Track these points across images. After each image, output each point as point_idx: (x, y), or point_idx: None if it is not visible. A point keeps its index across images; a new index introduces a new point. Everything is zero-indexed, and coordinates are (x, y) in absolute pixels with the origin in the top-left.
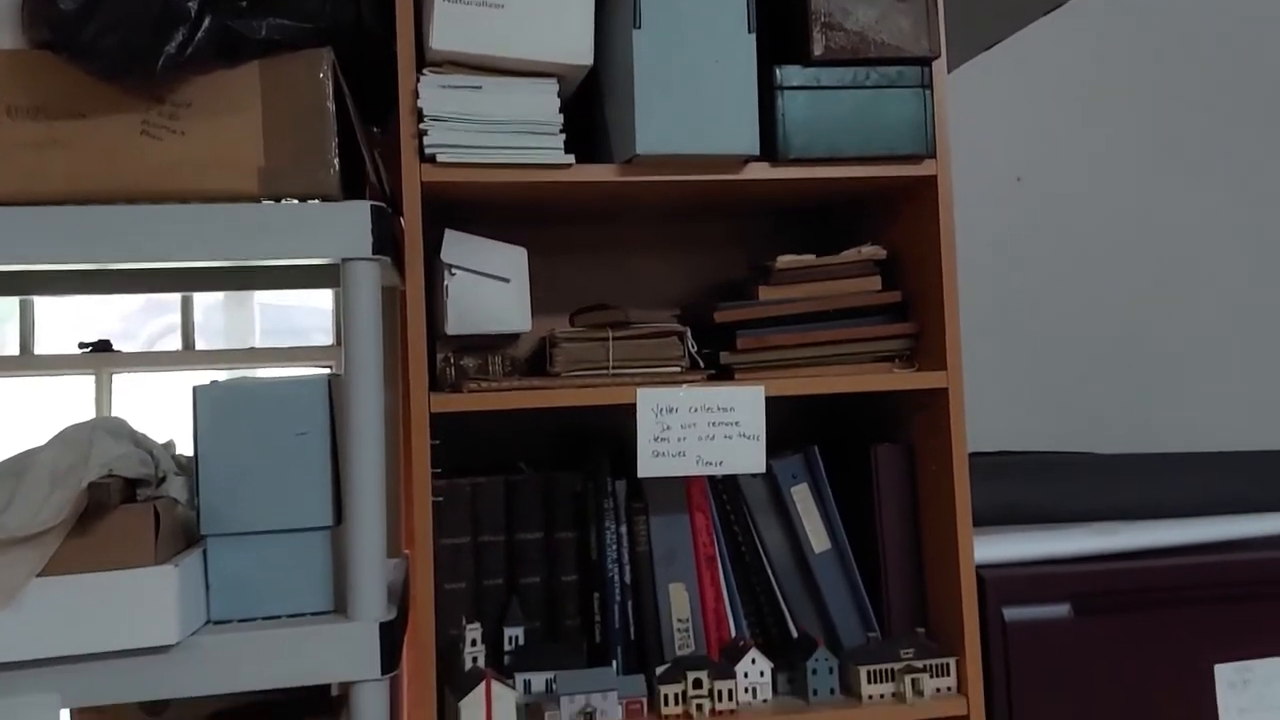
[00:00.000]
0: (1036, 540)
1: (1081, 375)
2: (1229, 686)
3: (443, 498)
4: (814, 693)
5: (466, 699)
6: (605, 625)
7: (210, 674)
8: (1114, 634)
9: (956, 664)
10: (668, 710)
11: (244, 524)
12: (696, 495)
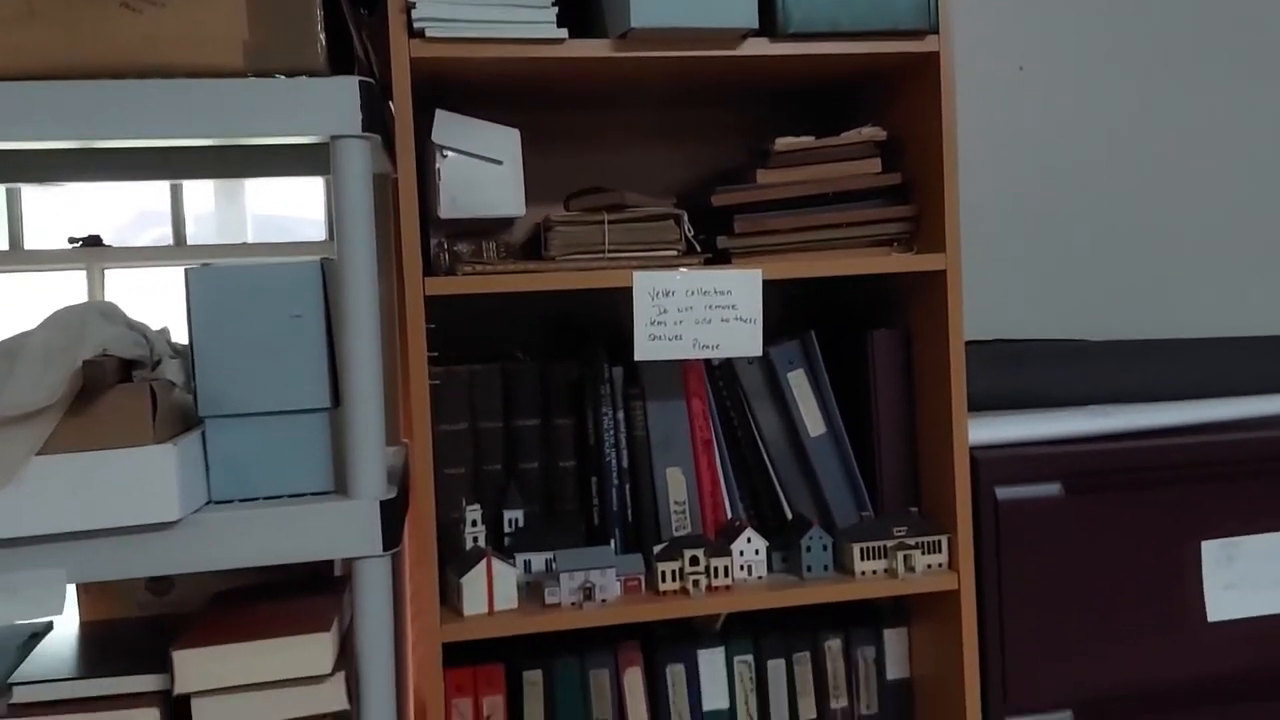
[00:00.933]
0: (1029, 422)
1: (1079, 264)
2: (1215, 562)
3: (440, 381)
4: (808, 569)
5: (468, 575)
6: (603, 509)
7: (213, 550)
8: (1104, 512)
9: (948, 541)
10: (665, 586)
11: (241, 406)
12: (693, 381)
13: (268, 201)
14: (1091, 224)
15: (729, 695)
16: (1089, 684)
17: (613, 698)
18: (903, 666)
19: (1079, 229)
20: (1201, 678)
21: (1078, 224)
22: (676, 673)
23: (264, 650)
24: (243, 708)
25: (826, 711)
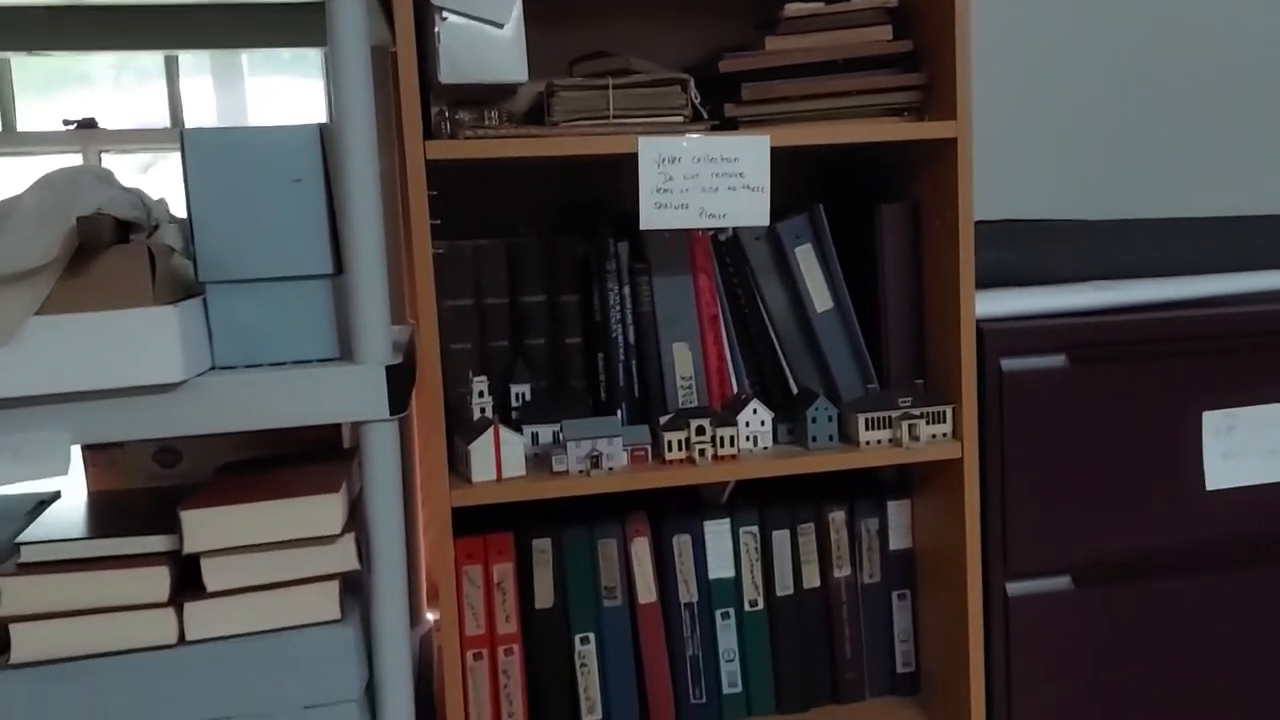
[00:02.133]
0: (1034, 296)
1: (1089, 142)
2: (1215, 433)
3: (443, 250)
4: (813, 440)
5: (476, 443)
6: (610, 384)
7: (218, 413)
8: (1107, 383)
9: (953, 411)
10: (671, 456)
11: (242, 271)
12: (700, 257)
13: (267, 108)
14: (1102, 101)
15: (734, 564)
16: (1088, 551)
17: (620, 566)
18: (905, 537)
19: (1089, 106)
20: (1198, 543)
21: (1087, 102)
22: (683, 543)
23: (273, 510)
24: (253, 567)
25: (830, 580)
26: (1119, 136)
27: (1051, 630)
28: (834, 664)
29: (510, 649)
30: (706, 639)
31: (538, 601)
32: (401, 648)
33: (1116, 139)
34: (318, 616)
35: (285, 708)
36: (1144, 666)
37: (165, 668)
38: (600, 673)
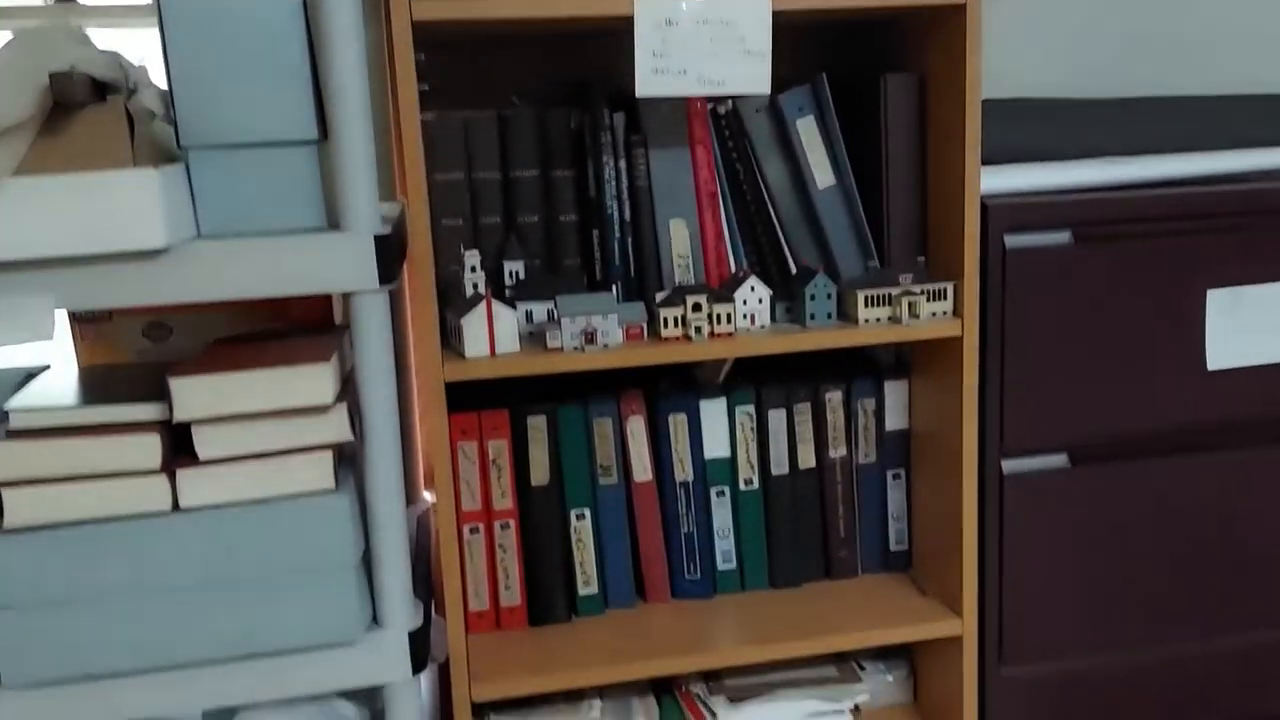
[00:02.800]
0: (1040, 172)
1: (1100, 19)
2: (1218, 311)
3: (432, 118)
4: (811, 317)
5: (468, 316)
6: (605, 262)
7: (204, 281)
8: (1112, 261)
9: (954, 289)
10: (667, 333)
11: (224, 136)
12: (698, 129)
13: None
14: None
15: (730, 444)
16: (1085, 430)
17: (616, 445)
18: (902, 417)
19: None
20: (1197, 424)
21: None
22: (679, 421)
23: (263, 379)
24: (245, 436)
25: (825, 460)
26: (1130, 13)
27: (1046, 508)
28: (827, 542)
29: (507, 524)
30: (701, 517)
31: (533, 478)
32: (397, 516)
33: (1128, 16)
34: (312, 486)
35: (281, 574)
36: (1138, 546)
37: (160, 534)
38: (596, 548)
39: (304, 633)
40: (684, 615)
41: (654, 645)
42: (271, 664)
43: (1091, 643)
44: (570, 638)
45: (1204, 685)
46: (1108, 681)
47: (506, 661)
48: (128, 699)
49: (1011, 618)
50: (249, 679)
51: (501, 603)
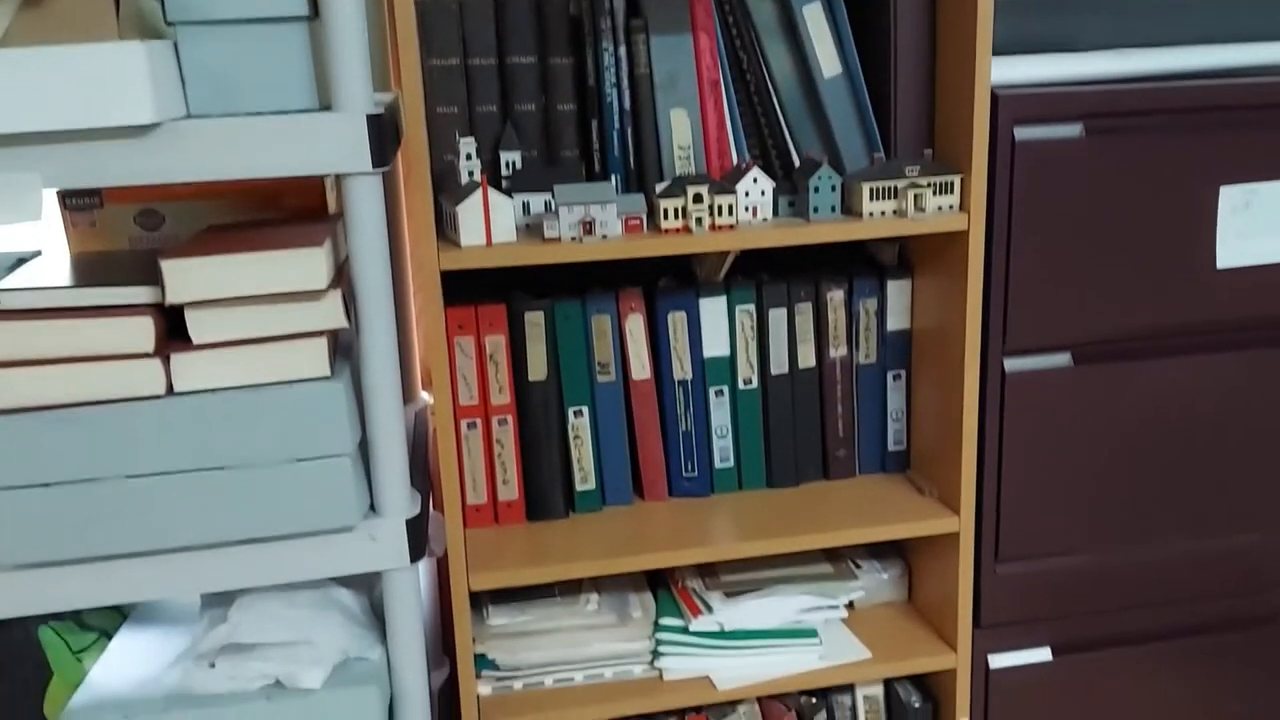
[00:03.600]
0: (1052, 63)
1: None
2: (1231, 209)
3: None
4: (814, 210)
5: (463, 204)
6: (604, 153)
7: (193, 161)
8: (1123, 155)
9: (961, 182)
10: (667, 224)
11: (213, 12)
12: (700, 15)
13: None
14: None
15: (729, 342)
16: (1090, 328)
17: (614, 342)
18: (904, 318)
19: None
20: (1203, 324)
21: None
22: (678, 319)
23: (256, 262)
24: (238, 321)
25: (825, 360)
26: None
27: (1047, 408)
28: (825, 442)
29: (504, 419)
30: (699, 415)
31: (531, 374)
32: (393, 403)
33: None
34: (307, 373)
35: (276, 461)
36: (1137, 446)
37: (155, 418)
38: (594, 445)
39: (301, 519)
40: (681, 512)
41: (651, 540)
42: (269, 549)
43: (1087, 541)
44: (567, 533)
45: (1197, 585)
46: (1101, 579)
47: (504, 553)
48: (123, 581)
49: (1008, 515)
50: (246, 564)
51: (499, 498)
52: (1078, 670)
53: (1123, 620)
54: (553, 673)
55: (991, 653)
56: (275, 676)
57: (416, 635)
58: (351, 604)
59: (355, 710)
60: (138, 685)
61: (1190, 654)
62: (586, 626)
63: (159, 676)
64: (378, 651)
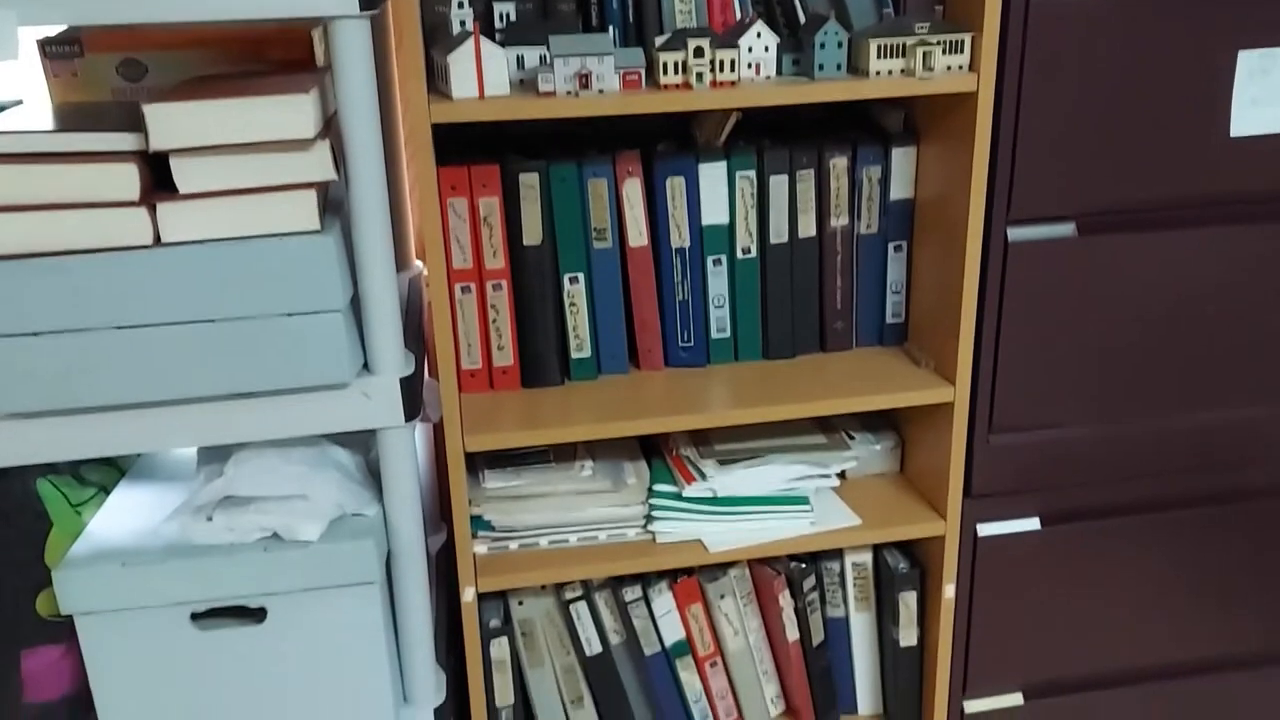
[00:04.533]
0: None
1: None
2: (1249, 74)
3: None
4: (819, 68)
5: (455, 54)
6: (602, 5)
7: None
8: (1140, 15)
9: (972, 40)
10: (666, 80)
11: None
12: None
13: None
14: None
15: (729, 210)
16: (1096, 197)
17: (611, 207)
18: (907, 187)
19: None
20: (1214, 195)
21: None
22: (676, 185)
23: (242, 108)
24: (225, 170)
25: (825, 229)
26: None
27: (1048, 279)
28: (823, 313)
29: (499, 284)
30: (697, 284)
31: (526, 238)
32: (384, 259)
33: None
34: (296, 226)
35: (267, 315)
36: (1139, 319)
37: (143, 268)
38: (589, 313)
39: (293, 374)
40: (676, 382)
41: (646, 406)
42: (262, 404)
43: (1081, 414)
44: (563, 399)
45: (1190, 458)
46: (1094, 452)
47: (499, 417)
48: (116, 432)
49: (1004, 387)
50: (239, 418)
51: (495, 363)
52: (1065, 541)
53: (1113, 492)
54: (547, 534)
55: (980, 521)
56: (273, 529)
57: (412, 493)
58: (348, 462)
59: (353, 563)
60: (136, 536)
61: (1178, 527)
62: (581, 491)
63: (157, 529)
64: (374, 509)
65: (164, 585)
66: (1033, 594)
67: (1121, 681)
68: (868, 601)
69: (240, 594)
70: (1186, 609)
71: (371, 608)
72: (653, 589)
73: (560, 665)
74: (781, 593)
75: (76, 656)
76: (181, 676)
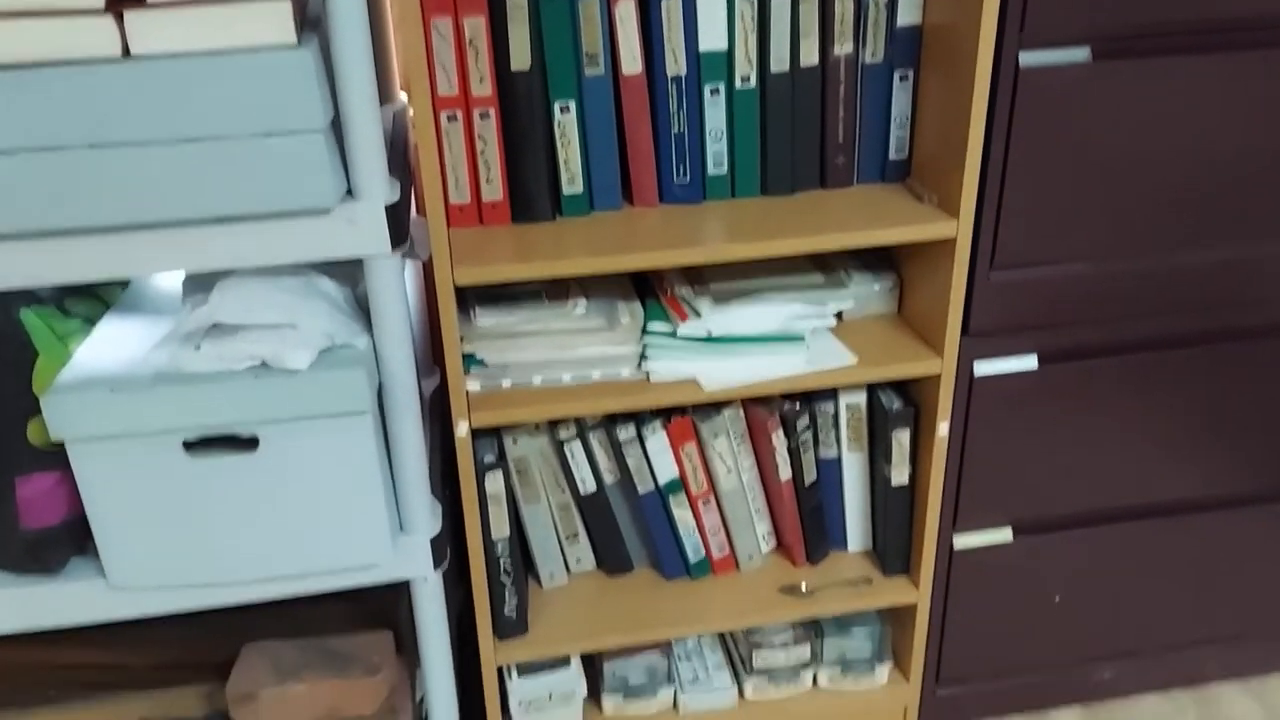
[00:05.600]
0: None
1: None
2: None
3: None
4: None
5: None
6: None
7: None
8: None
9: None
10: None
11: None
12: None
13: None
14: None
15: (728, 35)
16: (1115, 18)
17: (604, 31)
18: (915, 12)
19: None
20: (1236, 18)
21: None
22: (672, 6)
23: None
24: None
25: (829, 57)
26: None
27: (1059, 107)
28: (824, 148)
29: (486, 112)
30: (694, 116)
31: (514, 63)
32: (364, 72)
33: None
34: (271, 39)
35: (245, 134)
36: (1152, 149)
37: (113, 82)
38: (581, 144)
39: (274, 197)
40: (672, 218)
41: (640, 241)
42: (244, 229)
43: (1085, 249)
44: (554, 235)
45: (1193, 295)
46: (1096, 289)
47: (489, 251)
48: (94, 256)
49: (1008, 221)
50: (221, 243)
51: (484, 197)
52: (1062, 379)
53: (1112, 331)
54: (540, 372)
55: (977, 359)
56: (261, 357)
57: (402, 324)
58: (336, 294)
59: (343, 392)
60: (125, 365)
61: (1176, 366)
62: (574, 330)
63: (146, 357)
64: (364, 340)
65: (153, 412)
66: (1027, 432)
67: (1111, 519)
68: (860, 442)
69: (231, 422)
70: (1179, 449)
71: (364, 438)
72: (647, 428)
73: (556, 503)
74: (775, 432)
75: (71, 484)
76: (177, 504)
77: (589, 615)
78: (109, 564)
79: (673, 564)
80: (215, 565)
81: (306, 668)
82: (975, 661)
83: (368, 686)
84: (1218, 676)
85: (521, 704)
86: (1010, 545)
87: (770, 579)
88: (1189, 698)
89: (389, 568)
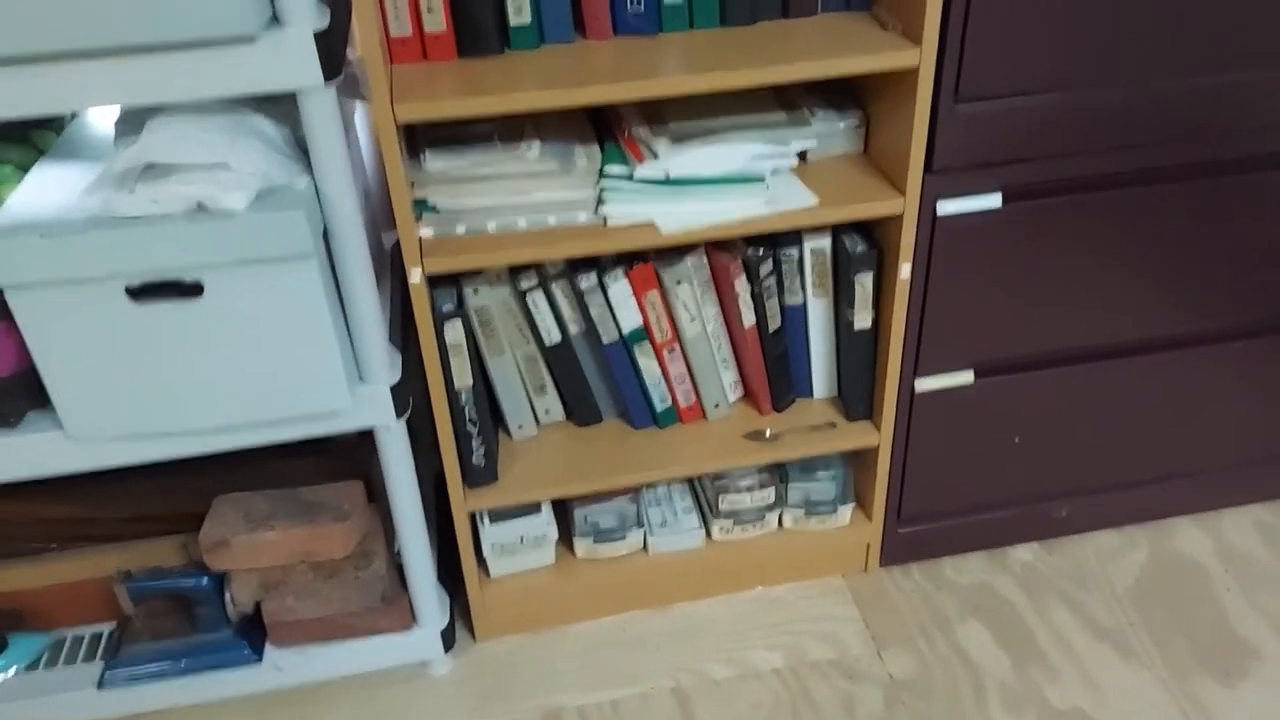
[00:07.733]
0: None
1: None
2: None
3: None
4: None
5: None
6: None
7: None
8: None
9: None
10: None
11: None
12: None
13: None
14: None
15: None
16: None
17: None
18: None
19: None
20: None
21: None
22: None
23: None
24: None
25: None
26: None
27: None
28: None
29: None
30: None
31: None
32: None
33: None
34: None
35: None
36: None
37: None
38: None
39: (192, 23)
40: (626, 51)
41: (593, 75)
42: (164, 59)
43: (1052, 80)
44: (504, 69)
45: (1159, 129)
46: (1062, 121)
47: (434, 86)
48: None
49: (973, 50)
50: (139, 75)
51: (425, 29)
52: (1026, 218)
53: (1078, 166)
54: (495, 217)
55: (941, 198)
56: (197, 199)
57: (341, 163)
58: (272, 133)
59: (284, 234)
60: (58, 210)
61: (1142, 202)
62: (529, 174)
63: (79, 203)
64: (304, 181)
65: (89, 257)
66: (990, 274)
67: (1072, 360)
68: (825, 288)
69: (171, 266)
70: (1141, 289)
71: (310, 282)
72: (608, 275)
73: (522, 355)
74: (738, 278)
75: (18, 334)
76: (127, 353)
77: (559, 464)
78: (64, 415)
79: (640, 413)
80: (172, 415)
81: (277, 515)
82: (936, 501)
83: (338, 531)
84: (1172, 512)
85: (494, 548)
86: (971, 387)
87: (736, 427)
88: (1142, 533)
89: (350, 416)
